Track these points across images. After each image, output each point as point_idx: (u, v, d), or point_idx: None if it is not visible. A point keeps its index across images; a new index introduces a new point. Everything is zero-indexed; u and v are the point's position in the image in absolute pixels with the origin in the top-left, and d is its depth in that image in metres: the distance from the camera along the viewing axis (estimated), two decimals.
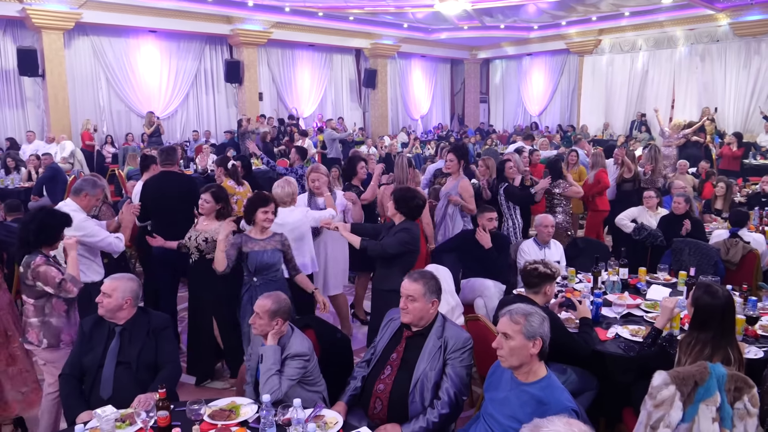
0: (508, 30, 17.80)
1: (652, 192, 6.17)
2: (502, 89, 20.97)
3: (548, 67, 19.21)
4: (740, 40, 14.30)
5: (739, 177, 9.48)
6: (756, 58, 14.12)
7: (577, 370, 3.33)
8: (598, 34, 16.98)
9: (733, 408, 2.45)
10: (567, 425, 1.62)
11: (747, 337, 3.31)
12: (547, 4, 14.93)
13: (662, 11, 14.96)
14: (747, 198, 7.42)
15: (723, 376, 2.46)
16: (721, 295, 2.65)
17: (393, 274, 3.75)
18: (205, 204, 4.23)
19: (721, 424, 2.44)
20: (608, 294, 4.00)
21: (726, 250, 4.99)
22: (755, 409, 2.47)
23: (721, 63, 14.77)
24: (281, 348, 2.88)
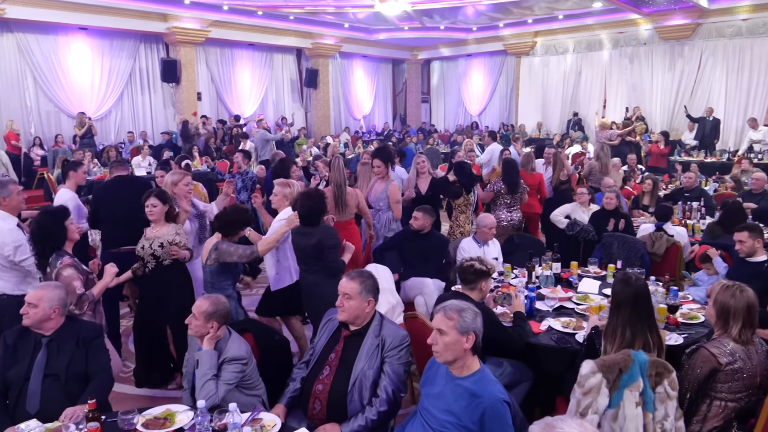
0: (448, 31, 18.10)
1: (584, 189, 6.42)
2: (442, 89, 21.30)
3: (487, 67, 19.63)
4: (665, 43, 15.04)
5: (665, 173, 9.98)
6: (680, 60, 14.89)
7: (512, 363, 3.44)
8: (534, 36, 17.50)
9: (654, 392, 2.59)
10: (580, 426, 1.62)
11: (669, 324, 3.50)
12: (484, 6, 15.24)
13: (593, 15, 15.56)
14: (671, 192, 7.80)
15: (645, 362, 2.59)
16: (634, 282, 2.80)
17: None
18: (154, 209, 4.09)
19: (644, 408, 2.58)
20: (542, 288, 4.13)
21: (652, 243, 5.25)
22: (674, 392, 2.62)
23: (648, 65, 15.50)
24: (218, 352, 2.84)
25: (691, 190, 7.43)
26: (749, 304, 2.72)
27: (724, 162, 11.43)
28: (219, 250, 3.77)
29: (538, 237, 6.85)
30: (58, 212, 3.54)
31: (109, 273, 3.61)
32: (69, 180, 5.35)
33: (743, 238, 4.20)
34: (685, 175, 7.84)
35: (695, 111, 13.83)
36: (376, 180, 5.62)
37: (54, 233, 3.47)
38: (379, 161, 5.51)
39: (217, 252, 3.77)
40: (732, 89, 14.25)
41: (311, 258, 3.98)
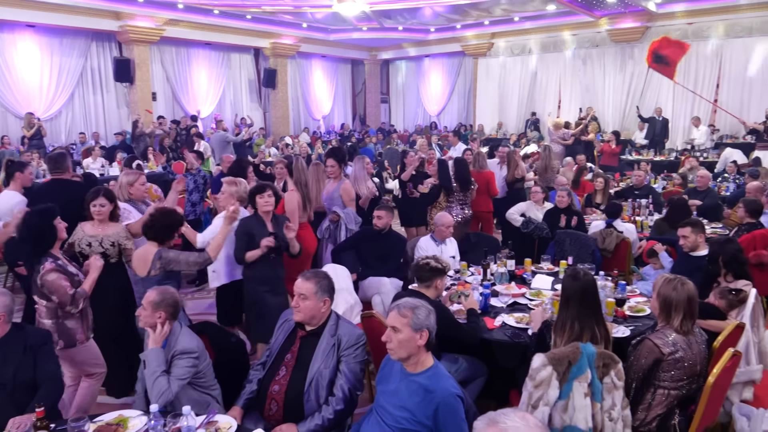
0: (407, 32, 18.23)
1: (538, 188, 6.57)
2: (401, 90, 21.43)
3: (445, 68, 19.84)
4: (616, 45, 15.49)
5: (617, 172, 10.29)
6: (630, 62, 15.36)
7: (468, 359, 3.51)
8: (491, 38, 17.77)
9: (602, 382, 2.69)
10: (522, 419, 1.67)
11: (617, 317, 3.63)
12: (442, 8, 15.42)
13: (548, 17, 15.91)
14: (622, 190, 8.05)
15: (593, 354, 2.68)
16: (582, 277, 2.90)
17: None
18: (102, 208, 3.98)
19: (593, 398, 2.67)
20: (497, 285, 4.22)
21: (602, 240, 5.42)
22: (621, 382, 2.72)
23: (601, 66, 15.95)
24: (167, 349, 2.83)
25: (640, 187, 7.69)
26: (690, 297, 2.85)
27: (672, 160, 11.86)
28: (165, 259, 3.59)
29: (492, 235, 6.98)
30: (46, 211, 3.44)
31: (96, 267, 3.53)
32: (14, 181, 5.17)
33: (686, 233, 4.38)
34: (634, 173, 8.11)
35: (645, 111, 14.28)
36: (329, 179, 5.65)
37: (46, 233, 3.38)
38: (333, 161, 5.54)
39: (163, 261, 3.58)
40: (679, 90, 14.77)
41: None
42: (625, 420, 2.73)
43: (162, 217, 3.74)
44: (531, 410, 2.66)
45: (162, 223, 3.71)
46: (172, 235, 3.74)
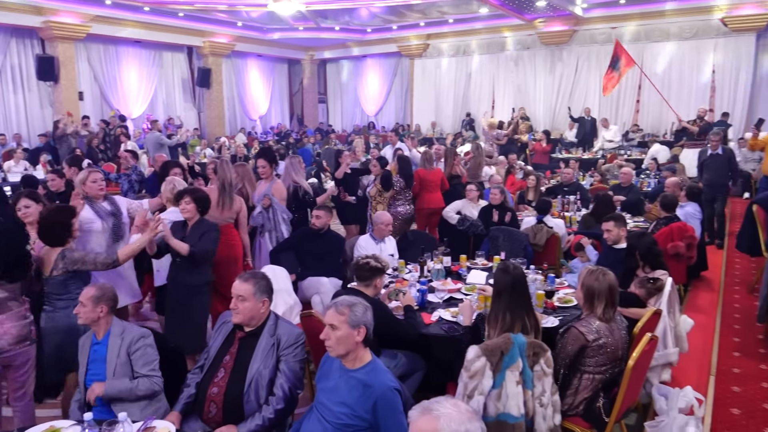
0: (343, 32, 18.25)
1: (473, 186, 6.76)
2: (339, 90, 21.44)
3: (382, 68, 20.00)
4: (546, 48, 16.07)
5: (548, 170, 10.70)
6: (559, 64, 15.98)
7: (406, 354, 3.59)
8: (426, 39, 18.05)
9: (532, 370, 2.82)
10: (454, 406, 1.73)
11: (547, 308, 3.80)
12: (379, 9, 15.54)
13: (481, 20, 16.33)
14: (552, 187, 8.39)
15: (523, 344, 2.82)
16: (512, 271, 3.04)
17: (204, 268, 4.16)
18: (27, 210, 3.82)
19: (524, 386, 2.80)
20: (433, 281, 4.32)
21: (533, 235, 5.64)
22: (550, 369, 2.87)
23: (532, 68, 16.51)
24: (122, 343, 2.91)
25: (569, 184, 8.03)
26: (611, 286, 3.03)
27: (599, 158, 12.41)
28: (68, 259, 3.36)
29: (435, 233, 7.13)
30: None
31: None
32: None
33: (610, 227, 4.64)
34: (563, 171, 8.46)
35: (575, 111, 14.91)
36: (261, 180, 5.61)
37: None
38: (264, 161, 5.51)
39: (66, 261, 3.35)
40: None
41: None
42: (555, 405, 2.88)
43: (52, 216, 3.46)
44: (467, 400, 2.76)
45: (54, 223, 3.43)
46: (62, 237, 3.45)
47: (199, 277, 4.11)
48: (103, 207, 4.46)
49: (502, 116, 15.85)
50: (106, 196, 4.56)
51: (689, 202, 6.38)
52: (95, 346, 2.97)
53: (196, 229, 4.14)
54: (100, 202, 4.48)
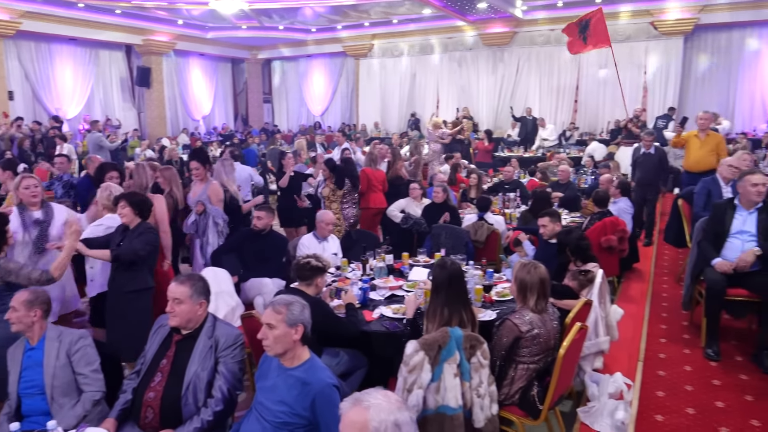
0: (287, 31, 18.12)
1: (416, 184, 6.86)
2: (284, 90, 21.27)
3: (327, 68, 19.96)
4: (488, 49, 16.43)
5: (490, 168, 10.95)
6: (501, 65, 16.36)
7: (348, 352, 3.62)
8: (371, 39, 18.14)
9: (469, 363, 2.90)
10: (384, 397, 1.77)
11: (485, 303, 3.91)
12: (323, 8, 15.51)
13: (425, 20, 16.54)
14: (494, 185, 8.60)
15: (460, 337, 2.89)
16: (449, 266, 3.12)
17: (141, 273, 4.01)
18: None
19: (462, 378, 2.88)
20: (376, 279, 4.38)
21: (474, 232, 5.78)
22: (486, 361, 2.95)
23: (475, 68, 16.83)
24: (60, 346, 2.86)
25: (510, 182, 8.26)
26: (542, 279, 3.15)
27: (540, 156, 12.79)
28: (2, 269, 3.30)
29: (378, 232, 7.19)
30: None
31: None
32: None
33: (545, 222, 4.81)
34: (504, 169, 8.69)
35: (517, 111, 15.29)
36: (195, 182, 5.50)
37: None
38: (197, 163, 5.39)
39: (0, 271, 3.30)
40: (545, 91, 15.99)
41: None
42: (492, 395, 2.97)
43: None
44: (406, 394, 2.82)
45: None
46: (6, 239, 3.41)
47: (136, 282, 4.01)
48: (30, 216, 4.25)
49: (446, 116, 16.10)
50: (43, 203, 4.37)
51: (622, 198, 6.67)
52: (29, 352, 2.89)
53: (134, 233, 4.04)
54: (32, 210, 4.29)
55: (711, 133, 7.05)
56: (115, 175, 5.34)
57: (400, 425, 1.67)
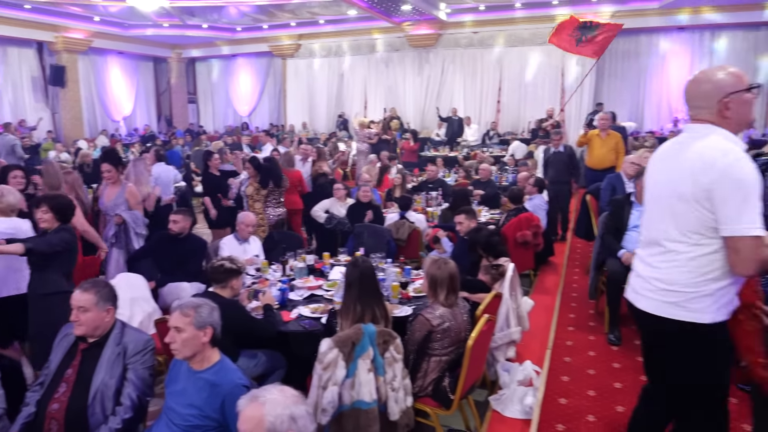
0: (212, 30, 17.73)
1: (340, 185, 6.92)
2: (210, 90, 20.79)
3: (254, 68, 19.68)
4: (414, 50, 16.69)
5: (416, 167, 11.15)
6: (426, 66, 16.66)
7: (266, 353, 3.63)
8: (298, 39, 18.04)
9: (383, 357, 2.99)
10: (281, 392, 1.80)
11: (402, 299, 4.02)
12: (248, 7, 15.29)
13: (351, 21, 16.60)
14: (419, 184, 8.78)
15: (373, 333, 2.97)
16: (361, 264, 3.20)
17: (53, 276, 3.82)
18: None
19: (376, 373, 2.96)
20: (296, 279, 4.40)
21: (396, 230, 5.90)
22: (400, 356, 3.05)
23: (402, 69, 17.06)
24: None
25: (433, 181, 8.46)
26: (451, 274, 3.28)
27: (464, 156, 13.13)
28: None
29: (300, 232, 7.20)
30: None
31: None
32: None
33: (461, 220, 4.98)
34: (427, 168, 8.89)
35: (443, 111, 15.62)
36: (107, 185, 5.34)
37: None
38: (109, 165, 5.23)
39: None
40: (469, 92, 16.42)
41: None
42: (406, 388, 3.07)
43: None
44: (321, 391, 2.87)
45: None
46: None
47: (51, 286, 3.82)
48: None
49: (374, 116, 16.24)
50: None
51: (537, 195, 6.98)
52: None
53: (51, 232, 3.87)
54: None
55: (611, 133, 7.53)
56: (19, 175, 5.09)
57: (296, 418, 1.72)
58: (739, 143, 2.14)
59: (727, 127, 2.17)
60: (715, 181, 2.07)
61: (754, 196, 2.02)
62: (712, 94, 2.16)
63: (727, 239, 2.07)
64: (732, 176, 2.04)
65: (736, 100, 2.14)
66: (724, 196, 2.05)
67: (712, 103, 2.17)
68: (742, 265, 2.05)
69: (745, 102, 2.16)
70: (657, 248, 2.31)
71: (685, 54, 14.85)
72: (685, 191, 2.16)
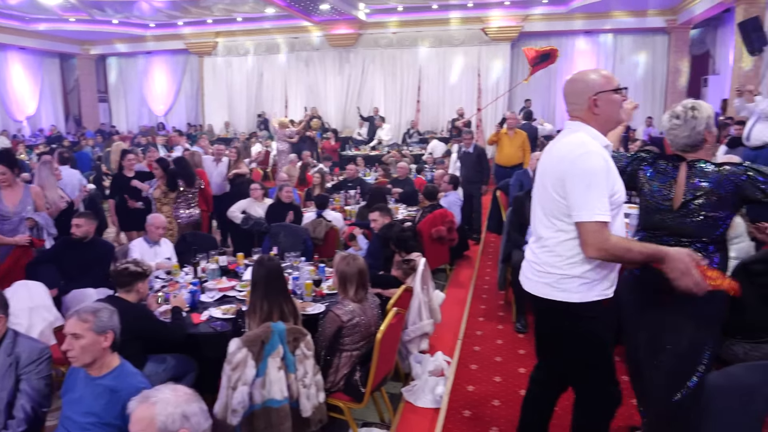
0: (123, 26, 17.00)
1: (257, 185, 6.85)
2: (122, 88, 19.93)
3: (169, 66, 19.05)
4: (334, 49, 16.72)
5: (336, 167, 11.19)
6: (347, 65, 16.74)
7: (176, 357, 3.56)
8: (215, 36, 17.62)
9: (294, 355, 3.01)
10: (173, 391, 1.79)
11: (316, 296, 4.05)
12: (161, 3, 14.77)
13: (269, 19, 16.40)
14: (338, 183, 8.82)
15: (283, 330, 2.99)
16: (267, 263, 3.21)
17: None
18: None
19: (286, 371, 2.98)
20: (209, 281, 4.33)
21: (313, 229, 5.92)
22: (311, 352, 3.08)
23: (322, 69, 17.05)
24: None
25: (352, 180, 8.52)
26: (360, 270, 3.35)
27: (384, 154, 13.29)
28: None
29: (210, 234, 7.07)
30: None
31: None
32: None
33: (375, 217, 5.07)
34: (347, 167, 8.96)
35: (364, 110, 15.75)
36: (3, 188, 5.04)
37: None
38: (3, 167, 4.93)
39: None
40: (389, 92, 16.65)
41: None
42: (318, 384, 3.11)
43: None
44: (231, 392, 2.86)
45: None
46: None
47: None
48: None
49: (295, 116, 16.14)
50: None
51: (452, 192, 7.19)
52: None
53: None
54: None
55: (518, 131, 7.89)
56: None
57: (188, 416, 1.73)
58: (601, 139, 2.35)
59: (596, 123, 2.37)
60: (565, 171, 2.28)
61: (598, 185, 2.20)
62: (584, 92, 2.36)
63: (577, 225, 2.26)
64: (578, 166, 2.24)
65: (605, 99, 2.33)
66: (572, 184, 2.25)
67: (583, 99, 2.36)
68: (589, 248, 2.23)
69: (612, 101, 2.36)
70: (536, 235, 2.51)
71: (591, 56, 15.73)
72: (547, 181, 2.38)
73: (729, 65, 12.20)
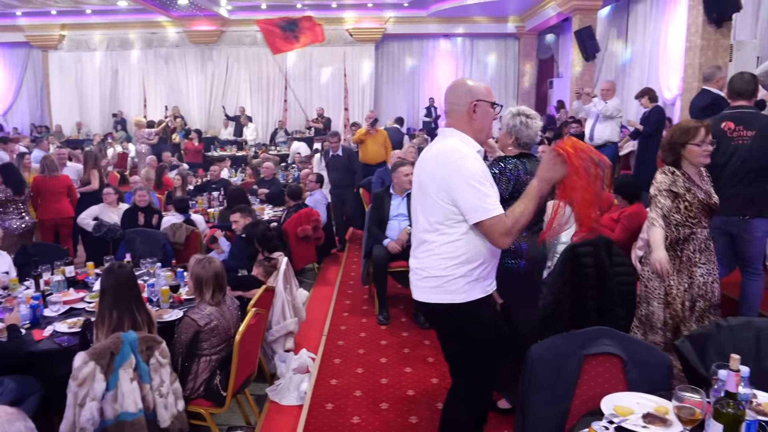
0: None
1: (111, 189, 6.46)
2: None
3: (8, 60, 17.24)
4: (196, 47, 16.11)
5: (200, 168, 10.83)
6: (210, 63, 16.22)
7: (15, 378, 3.29)
8: (61, 29, 16.22)
9: (148, 364, 2.92)
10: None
11: (173, 302, 3.93)
12: None
13: (121, 13, 15.40)
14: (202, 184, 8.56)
15: (134, 340, 2.88)
16: (117, 269, 3.07)
17: None
18: None
19: (140, 381, 2.88)
20: (54, 294, 4.04)
21: (173, 233, 5.71)
22: (166, 360, 3.00)
23: (183, 66, 16.36)
24: None
25: (216, 181, 8.32)
26: (216, 273, 3.31)
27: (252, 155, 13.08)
28: None
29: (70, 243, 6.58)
30: None
31: None
32: None
33: (236, 218, 5.03)
34: (211, 168, 8.72)
35: (230, 110, 15.34)
36: None
37: None
38: None
39: None
40: (255, 91, 16.38)
41: None
42: (176, 392, 3.04)
43: None
44: (79, 409, 2.71)
45: None
46: None
47: None
48: None
49: (154, 115, 15.33)
50: None
51: (318, 190, 7.27)
52: None
53: None
54: None
55: (379, 130, 8.18)
56: None
57: None
58: (473, 144, 2.48)
59: (470, 129, 2.50)
60: (447, 177, 2.36)
61: (482, 185, 2.32)
62: (466, 95, 2.48)
63: (477, 225, 2.35)
64: (460, 171, 2.34)
65: (483, 108, 2.48)
66: (459, 190, 2.33)
67: (465, 101, 2.48)
68: (498, 240, 2.35)
69: (487, 113, 2.51)
70: (418, 241, 2.58)
71: (450, 57, 16.59)
72: (429, 188, 2.45)
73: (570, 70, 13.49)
